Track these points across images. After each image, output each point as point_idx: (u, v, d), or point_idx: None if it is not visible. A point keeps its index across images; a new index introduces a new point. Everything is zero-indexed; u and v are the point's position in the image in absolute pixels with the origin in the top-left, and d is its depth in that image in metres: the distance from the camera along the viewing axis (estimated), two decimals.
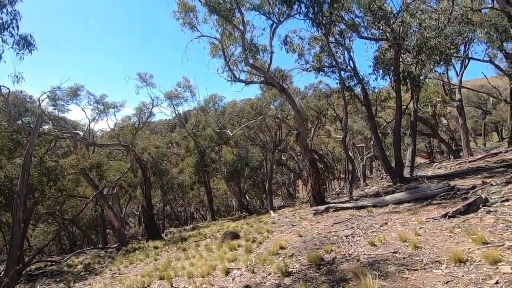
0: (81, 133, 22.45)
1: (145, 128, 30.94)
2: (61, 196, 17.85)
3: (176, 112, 29.29)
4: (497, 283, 3.43)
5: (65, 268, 12.79)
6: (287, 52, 15.27)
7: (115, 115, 27.27)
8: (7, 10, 7.39)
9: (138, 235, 24.47)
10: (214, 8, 12.15)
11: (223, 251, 7.99)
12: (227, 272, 6.05)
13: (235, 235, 9.85)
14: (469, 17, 13.60)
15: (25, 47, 7.87)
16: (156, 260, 10.03)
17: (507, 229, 4.87)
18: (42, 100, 18.94)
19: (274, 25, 13.14)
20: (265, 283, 5.11)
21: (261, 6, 12.96)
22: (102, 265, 11.81)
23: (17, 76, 8.15)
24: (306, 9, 12.55)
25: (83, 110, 24.75)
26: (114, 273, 9.56)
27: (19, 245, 11.43)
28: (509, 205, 5.94)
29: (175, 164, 33.72)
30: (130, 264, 10.43)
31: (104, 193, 18.18)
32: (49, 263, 14.87)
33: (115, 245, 16.08)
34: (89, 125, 26.26)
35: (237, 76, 14.92)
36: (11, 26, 7.46)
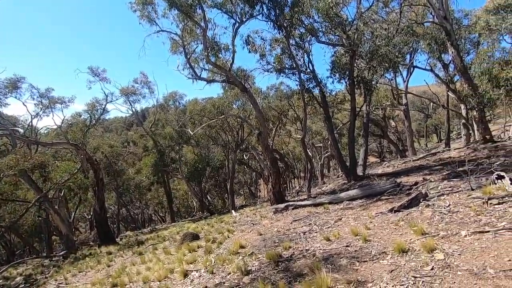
0: (21, 130, 20.24)
1: (98, 126, 28.86)
2: None
3: (133, 110, 27.78)
4: (432, 269, 3.83)
5: (0, 281, 11.41)
6: (249, 52, 15.34)
7: (62, 111, 24.85)
8: None
9: (90, 241, 22.76)
10: (174, 3, 11.75)
11: (182, 253, 7.79)
12: (185, 274, 5.91)
13: (195, 236, 9.66)
14: (413, 29, 14.99)
15: None
16: (109, 266, 9.43)
17: (441, 221, 5.46)
18: None
19: (237, 24, 13.12)
20: (224, 283, 5.09)
21: (224, 4, 12.85)
22: (46, 275, 10.77)
23: None
24: (268, 11, 12.77)
25: (24, 104, 22.17)
26: (60, 283, 8.78)
27: None
28: (444, 199, 6.66)
29: (132, 164, 32.05)
30: (79, 272, 9.67)
31: (50, 196, 16.59)
32: None
33: (62, 252, 14.77)
34: (31, 121, 23.66)
35: (199, 74, 14.63)
36: None
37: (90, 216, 28.85)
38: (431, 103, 35.29)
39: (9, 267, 13.70)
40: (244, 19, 13.04)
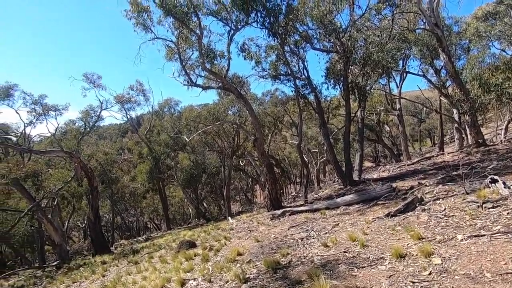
0: (14, 139, 19.98)
1: (92, 133, 28.61)
2: None
3: (128, 116, 27.65)
4: (430, 273, 3.85)
5: None
6: (245, 59, 15.45)
7: (56, 119, 24.56)
8: None
9: (84, 250, 22.37)
10: (169, 11, 11.83)
11: (179, 261, 7.69)
12: (182, 283, 5.83)
13: (191, 244, 9.56)
14: (406, 35, 15.28)
15: None
16: (104, 276, 9.26)
17: (438, 225, 5.49)
18: None
19: (232, 31, 13.23)
20: None
21: (219, 12, 12.97)
22: (39, 287, 10.53)
23: None
24: (262, 18, 12.90)
25: (16, 112, 21.91)
26: None
27: None
28: (439, 203, 6.72)
29: (127, 171, 31.74)
30: (73, 283, 9.47)
31: (43, 205, 16.31)
32: None
33: (55, 262, 14.47)
34: (24, 129, 23.36)
35: (194, 81, 14.65)
36: None
37: (84, 225, 28.42)
38: (424, 108, 35.78)
39: (0, 278, 13.37)
40: (239, 27, 13.16)
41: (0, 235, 17.34)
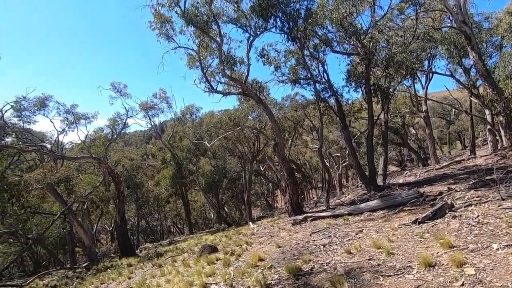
0: (49, 146, 21.28)
1: (118, 140, 29.87)
2: (24, 213, 16.60)
3: (152, 123, 28.63)
4: (463, 284, 3.63)
5: None
6: (264, 64, 15.54)
7: (86, 127, 25.96)
8: None
9: (111, 252, 23.24)
10: (191, 20, 12.20)
11: (201, 265, 7.78)
12: (204, 287, 5.89)
13: (213, 249, 9.65)
14: (431, 34, 14.70)
15: None
16: (129, 278, 9.56)
17: (470, 233, 5.18)
18: (5, 112, 17.80)
19: (251, 38, 13.39)
20: None
21: (238, 19, 13.20)
22: (70, 287, 11.05)
23: None
24: (281, 24, 12.96)
25: (51, 121, 23.41)
26: None
27: None
28: (472, 209, 6.34)
29: (151, 176, 32.70)
30: (101, 284, 9.86)
31: (74, 208, 17.18)
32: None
33: (85, 264, 15.14)
34: (57, 137, 24.88)
35: (215, 87, 14.94)
36: None
37: (111, 228, 29.53)
38: (453, 109, 34.07)
39: (36, 278, 14.19)
40: (258, 33, 13.30)
41: (36, 237, 18.42)
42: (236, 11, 13.13)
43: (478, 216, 5.83)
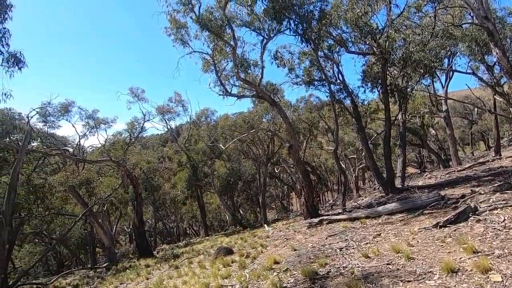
0: (71, 150, 22.11)
1: (136, 143, 30.64)
2: (48, 214, 17.32)
3: (168, 127, 29.20)
4: None
5: None
6: (278, 66, 15.59)
7: (106, 131, 26.85)
8: None
9: (129, 253, 23.78)
10: (205, 25, 12.41)
11: (217, 267, 7.83)
12: None
13: (228, 251, 9.69)
14: (450, 31, 14.22)
15: (15, 64, 7.81)
16: (147, 279, 9.74)
17: (496, 237, 4.94)
18: (31, 117, 18.65)
19: (265, 40, 13.45)
20: None
21: (252, 22, 13.30)
22: (91, 286, 11.40)
23: (5, 94, 8.02)
24: (295, 25, 12.95)
25: (73, 126, 24.41)
26: None
27: (4, 268, 10.96)
28: (497, 213, 6.05)
29: (167, 179, 33.31)
30: (121, 284, 10.09)
31: (94, 210, 17.74)
32: (35, 286, 14.26)
33: (105, 264, 15.58)
34: (79, 141, 25.89)
35: (229, 90, 15.09)
36: (0, 44, 7.43)
37: (129, 230, 30.28)
38: (476, 108, 32.72)
39: (59, 277, 14.74)
40: (272, 35, 13.35)
41: (60, 237, 19.16)
42: (249, 15, 13.23)
43: (504, 220, 5.56)
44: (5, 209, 10.15)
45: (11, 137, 18.05)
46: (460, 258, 4.47)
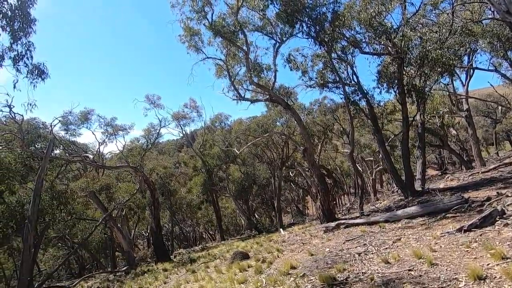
0: (91, 156, 22.85)
1: (153, 149, 31.30)
2: (71, 219, 17.93)
3: (184, 132, 29.68)
4: None
5: None
6: (291, 69, 15.51)
7: (124, 137, 27.66)
8: (22, 41, 7.76)
9: (147, 257, 24.17)
10: (218, 31, 12.60)
11: (233, 272, 7.82)
12: None
13: (244, 255, 9.66)
14: (470, 28, 13.72)
15: (39, 75, 8.19)
16: (165, 283, 9.86)
17: None
18: (54, 126, 19.47)
19: (277, 44, 13.49)
20: None
21: (264, 27, 13.39)
22: None
23: (30, 104, 8.44)
24: (307, 28, 12.90)
25: (93, 133, 25.36)
26: None
27: (29, 271, 11.40)
28: None
29: (183, 183, 33.75)
30: (139, 287, 10.27)
31: (113, 215, 18.21)
32: None
33: (124, 268, 15.91)
34: (98, 148, 26.79)
35: (243, 95, 15.19)
36: (25, 56, 7.81)
37: (147, 234, 30.81)
38: (500, 107, 31.30)
39: (81, 280, 15.18)
40: (284, 39, 13.37)
41: (81, 241, 19.76)
42: (261, 19, 13.33)
43: None
44: (31, 214, 10.58)
45: (36, 146, 18.88)
46: (488, 265, 4.25)
